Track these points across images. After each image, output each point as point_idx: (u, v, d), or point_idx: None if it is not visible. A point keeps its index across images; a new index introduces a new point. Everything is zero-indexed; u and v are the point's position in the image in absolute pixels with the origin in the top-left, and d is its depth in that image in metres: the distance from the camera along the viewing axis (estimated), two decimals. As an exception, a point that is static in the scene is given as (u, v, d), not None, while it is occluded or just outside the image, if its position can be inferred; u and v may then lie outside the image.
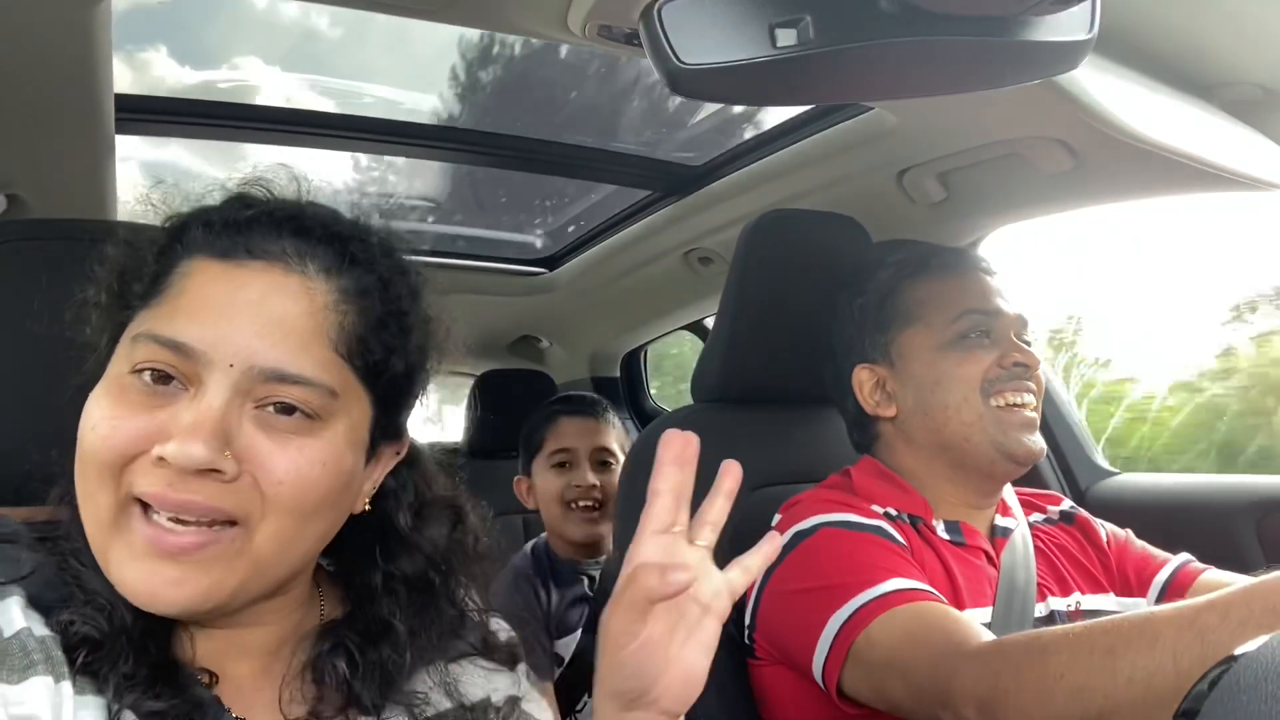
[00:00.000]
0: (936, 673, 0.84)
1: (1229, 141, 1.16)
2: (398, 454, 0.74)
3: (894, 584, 0.96)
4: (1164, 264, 2.36)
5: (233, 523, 0.60)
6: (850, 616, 0.95)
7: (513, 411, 2.57)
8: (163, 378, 0.60)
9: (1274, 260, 2.14)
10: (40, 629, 0.59)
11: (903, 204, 1.60)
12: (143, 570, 0.58)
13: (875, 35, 0.62)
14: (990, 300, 1.17)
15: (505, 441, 2.57)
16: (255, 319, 0.60)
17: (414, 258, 0.73)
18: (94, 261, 0.66)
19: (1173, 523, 1.56)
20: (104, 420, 0.59)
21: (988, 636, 0.86)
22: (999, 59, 0.68)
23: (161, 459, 0.57)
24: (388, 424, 0.70)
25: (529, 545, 1.91)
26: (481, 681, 0.78)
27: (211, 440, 0.57)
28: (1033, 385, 1.14)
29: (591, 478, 1.81)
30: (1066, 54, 0.68)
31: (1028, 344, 1.17)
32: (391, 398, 0.69)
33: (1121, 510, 1.59)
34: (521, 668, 0.82)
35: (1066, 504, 1.29)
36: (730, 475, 0.72)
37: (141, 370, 0.60)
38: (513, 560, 1.86)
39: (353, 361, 0.64)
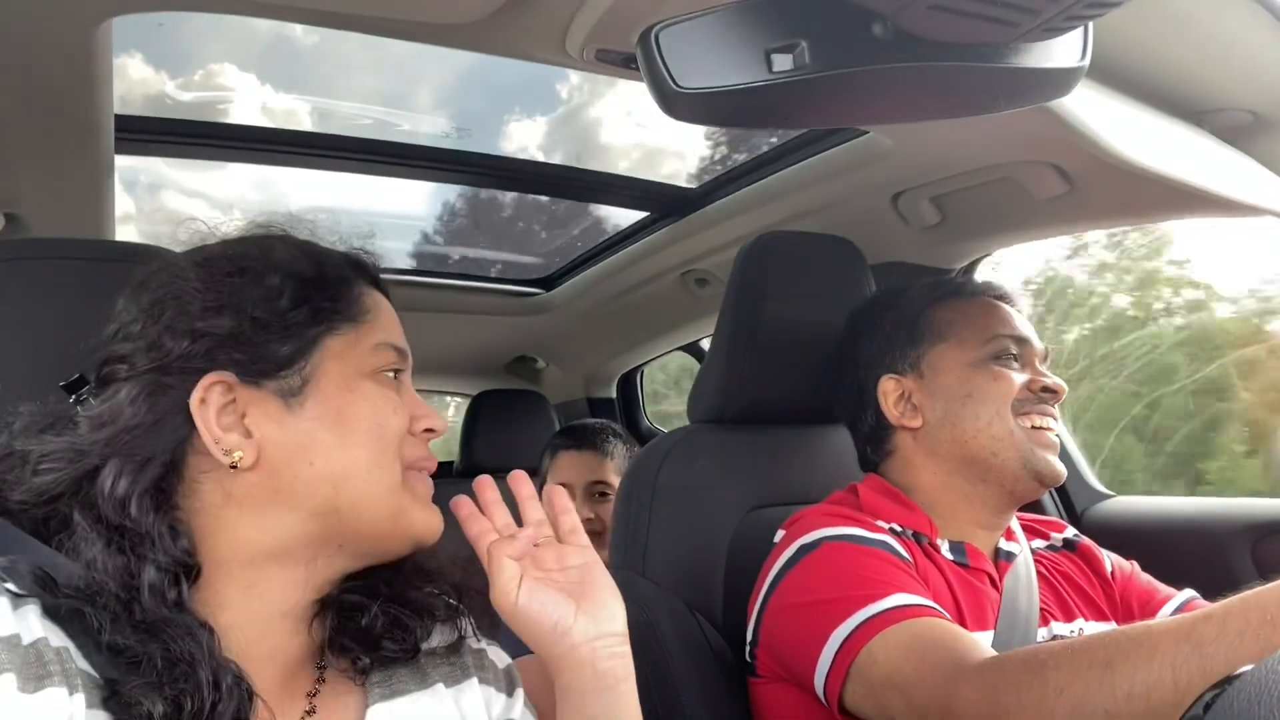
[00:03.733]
0: (937, 691, 0.84)
1: (1220, 166, 1.17)
2: None
3: (897, 599, 0.96)
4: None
5: None
6: (852, 632, 0.95)
7: (508, 432, 2.59)
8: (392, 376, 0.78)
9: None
10: (57, 639, 0.60)
11: (898, 226, 1.62)
12: (434, 512, 0.78)
13: (870, 61, 0.63)
14: (1021, 329, 1.21)
15: (500, 461, 2.58)
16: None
17: (412, 278, 0.82)
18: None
19: (1169, 545, 1.56)
20: (395, 406, 0.75)
21: (989, 654, 0.86)
22: (992, 85, 0.69)
23: (431, 430, 0.78)
24: None
25: None
26: (479, 704, 0.78)
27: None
28: (1056, 413, 1.18)
29: (586, 510, 1.88)
30: (1059, 81, 0.69)
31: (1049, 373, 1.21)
32: None
33: (1117, 533, 1.59)
34: (519, 693, 0.82)
35: (1070, 532, 1.29)
36: (520, 482, 0.89)
37: (386, 370, 0.76)
38: None
39: None
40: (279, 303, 0.72)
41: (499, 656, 0.84)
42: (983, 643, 0.93)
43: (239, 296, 0.71)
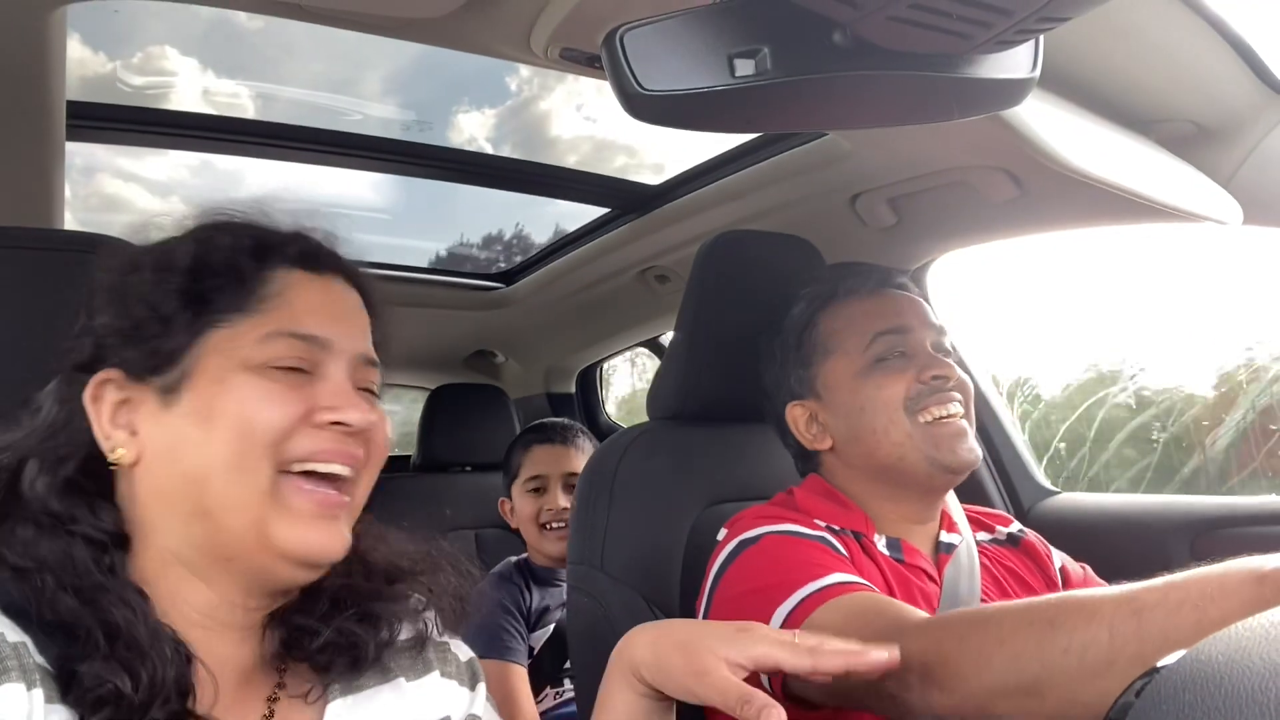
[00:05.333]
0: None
1: (1164, 175, 1.21)
2: None
3: (837, 577, 0.98)
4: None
5: (343, 479, 0.72)
6: (794, 608, 0.96)
7: (466, 426, 2.58)
8: (293, 368, 0.71)
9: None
10: (14, 635, 0.59)
11: (855, 227, 1.64)
12: (320, 529, 0.70)
13: (830, 68, 0.64)
14: (900, 318, 1.18)
15: (458, 456, 2.57)
16: (350, 317, 0.77)
17: (371, 270, 0.81)
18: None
19: (1112, 541, 1.61)
20: (269, 402, 0.69)
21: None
22: (947, 94, 0.70)
23: (336, 423, 0.70)
24: None
25: (510, 559, 2.05)
26: (441, 699, 0.79)
27: (366, 406, 0.72)
28: (958, 395, 1.16)
29: (563, 500, 1.95)
30: (1010, 91, 0.71)
31: (948, 352, 1.19)
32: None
33: (1062, 528, 1.64)
34: (481, 688, 0.83)
35: (1015, 527, 1.31)
36: None
37: (279, 362, 0.70)
38: (497, 568, 2.02)
39: (378, 350, 0.79)
40: (163, 298, 0.71)
41: (461, 650, 0.84)
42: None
43: (130, 294, 0.71)
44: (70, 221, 2.08)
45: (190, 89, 1.78)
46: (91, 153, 1.97)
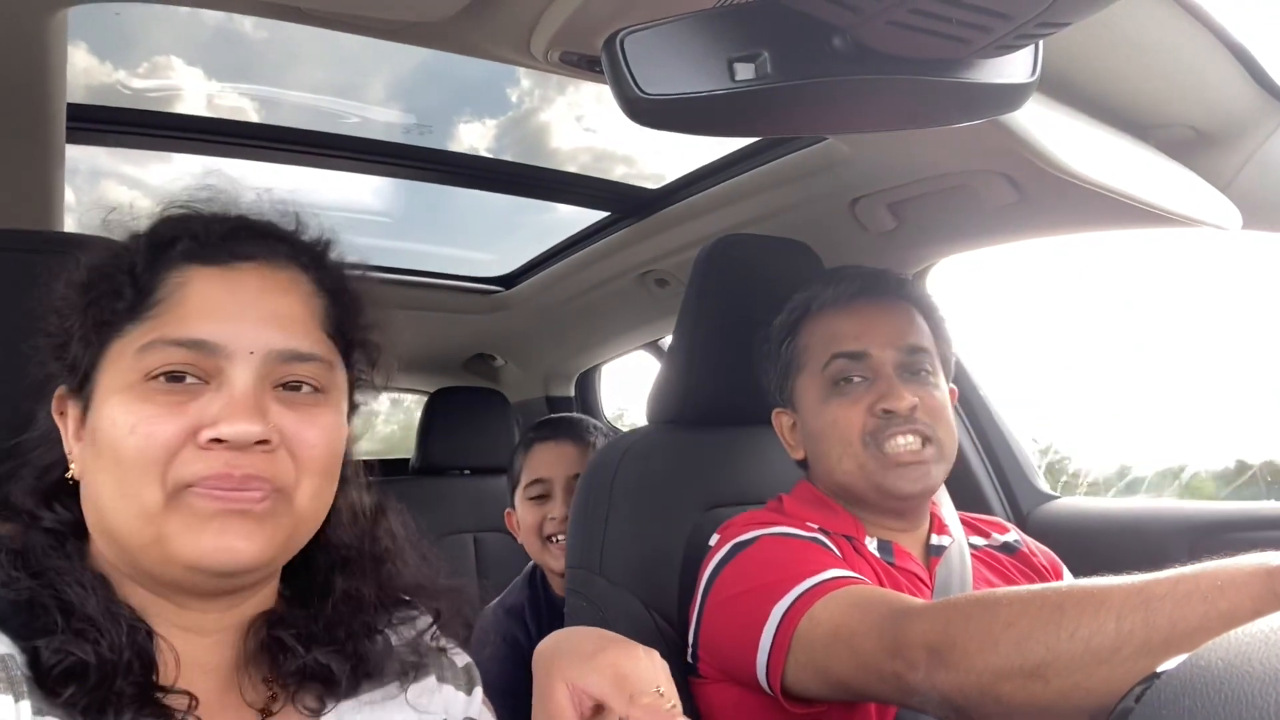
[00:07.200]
0: (884, 632, 0.85)
1: (1163, 180, 1.21)
2: None
3: (833, 572, 0.98)
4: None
5: (276, 490, 0.66)
6: (792, 603, 0.96)
7: (465, 430, 2.57)
8: (177, 377, 0.65)
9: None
10: (2, 647, 0.59)
11: (855, 231, 1.64)
12: (214, 530, 0.63)
13: (829, 72, 0.64)
14: (860, 340, 1.15)
15: (457, 459, 2.57)
16: (260, 311, 0.68)
17: (370, 274, 0.79)
18: (47, 287, 0.70)
19: (1110, 546, 1.60)
20: (143, 422, 0.63)
21: None
22: (946, 99, 0.70)
23: (216, 440, 0.63)
24: (353, 394, 0.77)
25: (526, 569, 1.82)
26: (439, 702, 0.78)
27: (257, 417, 0.64)
28: (918, 421, 1.12)
29: (567, 508, 1.62)
30: (1010, 96, 0.71)
31: (925, 371, 1.16)
32: (358, 369, 0.77)
33: (1061, 533, 1.64)
34: (478, 691, 0.83)
35: (1012, 535, 1.30)
36: None
37: (159, 374, 0.64)
38: (503, 596, 1.79)
39: (335, 339, 0.73)
40: (69, 311, 0.69)
41: (458, 655, 0.84)
42: None
43: (54, 307, 0.70)
44: (72, 226, 2.08)
45: (194, 94, 1.78)
46: (96, 159, 1.97)
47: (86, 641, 0.60)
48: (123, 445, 0.62)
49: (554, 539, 1.69)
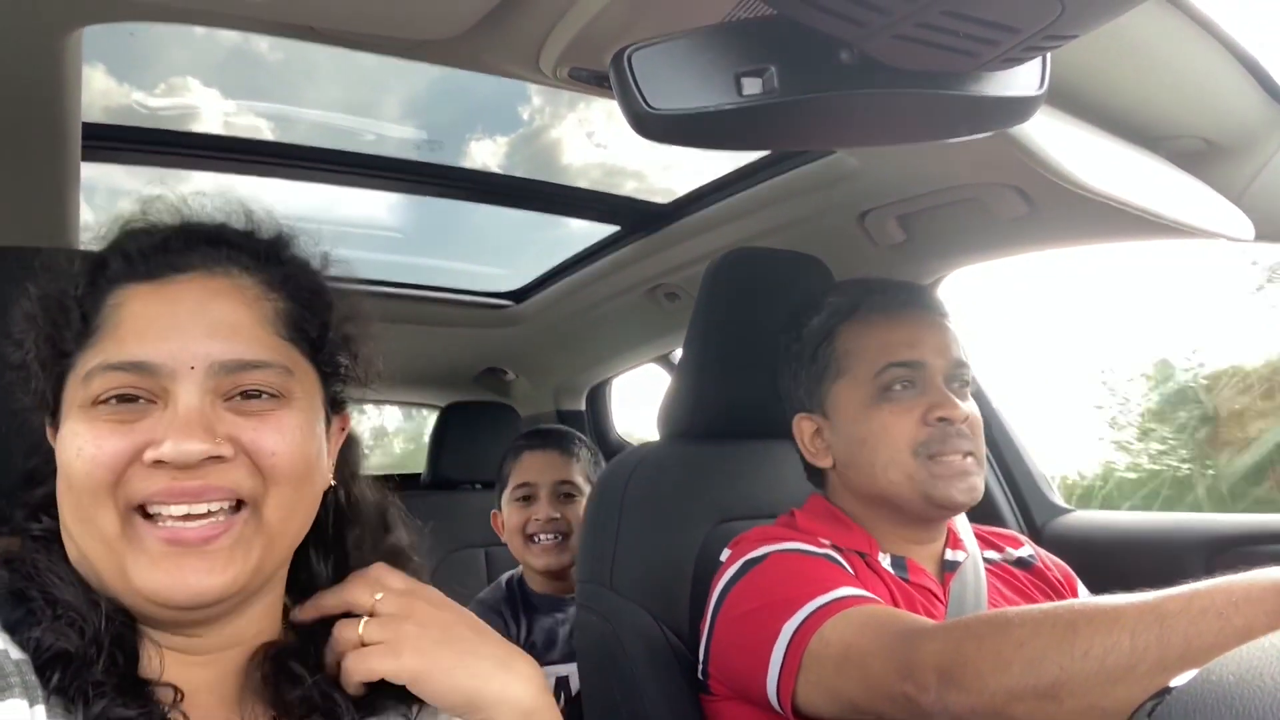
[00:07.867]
0: (895, 653, 0.85)
1: (1174, 191, 1.21)
2: (343, 429, 0.78)
3: (845, 590, 0.97)
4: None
5: (240, 503, 0.65)
6: (803, 622, 0.95)
7: (477, 444, 2.58)
8: (127, 399, 0.64)
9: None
10: (16, 652, 0.59)
11: (864, 244, 1.64)
12: (169, 569, 0.62)
13: (836, 87, 0.65)
14: (915, 350, 1.15)
15: (468, 473, 2.57)
16: (201, 322, 0.66)
17: (381, 288, 0.78)
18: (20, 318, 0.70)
19: (1126, 559, 1.59)
20: (88, 444, 0.62)
21: None
22: (954, 112, 0.71)
23: (159, 461, 0.61)
24: (331, 395, 0.76)
25: (502, 577, 1.93)
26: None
27: (201, 433, 0.62)
28: (967, 434, 1.13)
29: (552, 510, 1.83)
30: (1018, 108, 0.72)
31: (966, 382, 1.17)
32: (331, 368, 0.75)
33: (1076, 546, 1.62)
34: None
35: (1026, 551, 1.29)
36: None
37: (105, 399, 0.64)
38: (484, 592, 1.90)
39: (295, 340, 0.70)
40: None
41: None
42: None
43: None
44: (93, 246, 2.10)
45: (210, 113, 1.80)
46: (115, 179, 1.99)
47: (70, 628, 0.60)
48: (72, 469, 0.63)
49: (536, 538, 1.82)
